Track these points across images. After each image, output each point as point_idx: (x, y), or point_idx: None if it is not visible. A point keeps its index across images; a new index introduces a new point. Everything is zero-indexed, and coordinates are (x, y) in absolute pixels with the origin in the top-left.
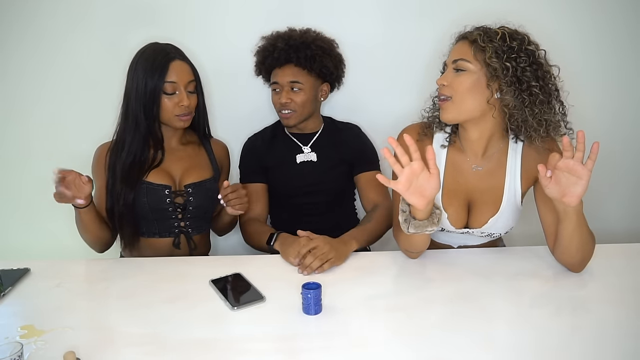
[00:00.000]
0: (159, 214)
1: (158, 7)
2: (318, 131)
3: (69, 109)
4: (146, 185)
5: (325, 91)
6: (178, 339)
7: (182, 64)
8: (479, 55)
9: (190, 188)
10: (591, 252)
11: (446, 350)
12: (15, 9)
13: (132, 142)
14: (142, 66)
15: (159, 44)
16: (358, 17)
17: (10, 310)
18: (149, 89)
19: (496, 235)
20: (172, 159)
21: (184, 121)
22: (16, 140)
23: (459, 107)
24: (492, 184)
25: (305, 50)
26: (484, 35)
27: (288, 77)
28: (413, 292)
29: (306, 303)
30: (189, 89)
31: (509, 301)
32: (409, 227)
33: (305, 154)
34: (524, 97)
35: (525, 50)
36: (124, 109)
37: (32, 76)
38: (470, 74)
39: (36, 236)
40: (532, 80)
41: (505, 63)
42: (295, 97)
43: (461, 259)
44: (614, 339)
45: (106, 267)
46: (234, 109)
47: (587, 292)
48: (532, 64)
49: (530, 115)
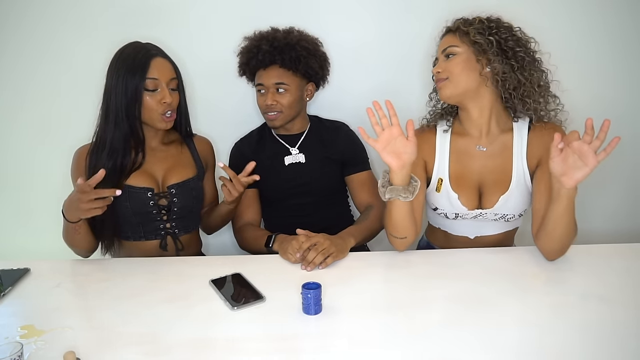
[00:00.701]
0: (142, 217)
1: (156, 9)
2: (305, 131)
3: (67, 110)
4: (128, 189)
5: (311, 91)
6: (178, 339)
7: (164, 61)
8: (464, 38)
9: (174, 189)
10: (569, 244)
11: (446, 351)
12: (16, 14)
13: (112, 142)
14: (122, 64)
15: (139, 43)
16: (344, 14)
17: (10, 310)
18: (130, 87)
19: (510, 218)
20: (153, 160)
21: (167, 122)
22: (18, 141)
23: (455, 84)
24: (499, 164)
25: (290, 52)
26: (464, 22)
27: (273, 79)
28: (413, 292)
29: (306, 303)
30: (170, 87)
31: (510, 301)
32: (385, 192)
33: (293, 155)
34: (512, 63)
35: (503, 26)
36: (103, 109)
37: (27, 77)
38: (460, 55)
39: (36, 236)
40: (515, 47)
41: (489, 37)
42: (280, 99)
43: (462, 259)
44: (614, 339)
45: (106, 267)
46: (218, 108)
47: (586, 292)
48: (512, 35)
49: (522, 77)
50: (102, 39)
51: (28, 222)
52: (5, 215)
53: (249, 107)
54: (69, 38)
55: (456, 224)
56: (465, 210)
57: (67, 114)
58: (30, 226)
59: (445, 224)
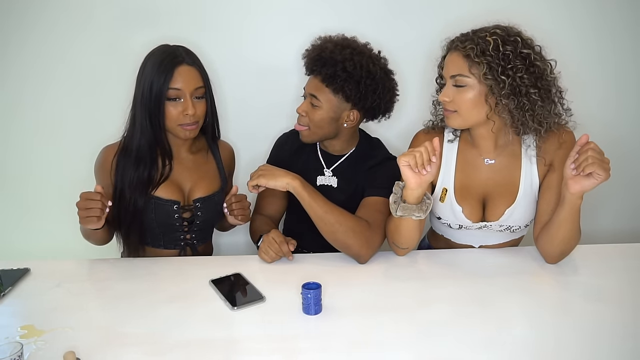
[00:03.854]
0: (165, 228)
1: (162, 8)
2: (345, 155)
3: (72, 112)
4: (155, 201)
5: (354, 118)
6: (178, 339)
7: (190, 69)
8: (474, 69)
9: (199, 202)
10: (569, 250)
11: (446, 351)
12: (17, 13)
13: (138, 149)
14: (149, 69)
15: (168, 46)
16: (338, 17)
17: (10, 310)
18: (154, 94)
19: (516, 229)
20: (180, 169)
21: (188, 131)
22: (18, 141)
23: (464, 118)
24: (507, 176)
25: (329, 68)
26: (476, 49)
27: (310, 89)
28: (413, 293)
29: (306, 303)
30: (195, 95)
31: (510, 301)
32: (397, 209)
33: (326, 177)
34: (523, 102)
35: (520, 54)
36: (132, 113)
37: (34, 79)
38: (471, 88)
39: (36, 236)
40: (529, 86)
41: (501, 77)
42: (311, 112)
43: (463, 259)
44: (614, 339)
45: (106, 267)
46: (246, 112)
47: (586, 292)
48: (529, 67)
49: (530, 118)
50: (102, 38)
51: (28, 222)
52: (5, 215)
53: (276, 113)
54: (68, 38)
55: (460, 234)
56: (469, 223)
57: (69, 114)
58: (30, 226)
59: (449, 232)
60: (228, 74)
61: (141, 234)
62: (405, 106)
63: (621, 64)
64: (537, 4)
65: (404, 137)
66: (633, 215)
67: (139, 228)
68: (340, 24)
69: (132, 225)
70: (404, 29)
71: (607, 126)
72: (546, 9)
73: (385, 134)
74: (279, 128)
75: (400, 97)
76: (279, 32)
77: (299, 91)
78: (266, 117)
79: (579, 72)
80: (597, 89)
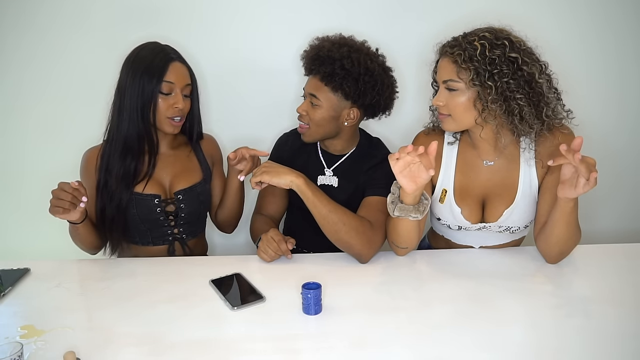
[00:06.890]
0: (150, 224)
1: (159, 7)
2: (346, 154)
3: (69, 110)
4: (135, 196)
5: (354, 116)
6: (178, 339)
7: (181, 66)
8: (462, 74)
9: (181, 194)
10: (568, 251)
11: (446, 351)
12: (12, 13)
13: (126, 139)
14: (140, 64)
15: (158, 44)
16: (335, 16)
17: (10, 310)
18: (147, 89)
19: (515, 230)
20: (161, 165)
21: (174, 126)
22: (16, 140)
23: (458, 122)
24: (505, 178)
25: (327, 66)
26: (464, 54)
27: (309, 89)
28: (413, 293)
29: (306, 303)
30: (184, 93)
31: (510, 301)
32: (394, 210)
33: (327, 176)
34: (512, 107)
35: (508, 58)
36: (116, 106)
37: (31, 77)
38: (461, 93)
39: (36, 236)
40: (515, 91)
41: (487, 82)
42: (311, 112)
43: (463, 259)
44: (614, 339)
45: (106, 267)
46: (232, 111)
47: (586, 292)
48: (516, 71)
49: (519, 122)
50: (97, 38)
51: (28, 222)
52: (5, 215)
53: (266, 112)
54: (68, 37)
55: (460, 235)
56: (468, 224)
57: (69, 113)
58: (30, 226)
59: (449, 233)
60: (228, 74)
61: (124, 230)
62: (405, 105)
63: (624, 65)
64: (540, 7)
65: (404, 136)
66: (634, 215)
67: (122, 224)
68: (339, 24)
69: (115, 220)
70: (402, 27)
71: (609, 126)
72: (550, 12)
73: (385, 133)
74: (279, 128)
75: (400, 95)
76: (279, 32)
77: (299, 91)
78: (266, 117)
79: (581, 74)
80: (600, 90)
